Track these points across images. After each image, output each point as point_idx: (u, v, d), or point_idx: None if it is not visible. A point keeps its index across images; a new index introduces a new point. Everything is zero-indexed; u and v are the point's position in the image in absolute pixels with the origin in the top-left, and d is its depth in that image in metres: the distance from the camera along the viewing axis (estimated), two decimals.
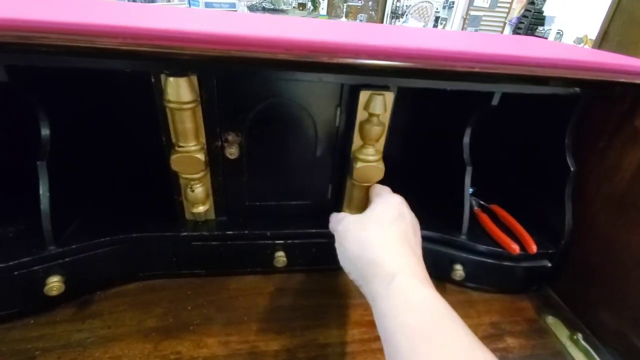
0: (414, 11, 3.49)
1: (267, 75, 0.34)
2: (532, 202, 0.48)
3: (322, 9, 4.00)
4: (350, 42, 0.29)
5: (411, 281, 0.26)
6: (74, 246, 0.37)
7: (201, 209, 0.40)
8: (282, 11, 2.95)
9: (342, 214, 0.35)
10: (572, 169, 0.43)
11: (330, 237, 0.45)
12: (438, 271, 0.46)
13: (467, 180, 0.43)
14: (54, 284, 0.35)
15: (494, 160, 0.52)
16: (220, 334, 0.37)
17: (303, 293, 0.43)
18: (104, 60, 0.29)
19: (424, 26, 3.16)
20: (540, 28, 3.78)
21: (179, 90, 0.32)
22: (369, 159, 0.38)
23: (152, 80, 0.33)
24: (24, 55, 0.28)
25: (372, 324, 0.40)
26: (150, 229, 0.40)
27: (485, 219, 0.46)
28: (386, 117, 0.37)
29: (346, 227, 0.32)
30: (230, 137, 0.38)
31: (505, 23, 3.92)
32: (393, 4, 4.10)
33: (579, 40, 3.62)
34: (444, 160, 0.47)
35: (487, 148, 0.47)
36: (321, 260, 0.46)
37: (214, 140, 0.37)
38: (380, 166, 0.39)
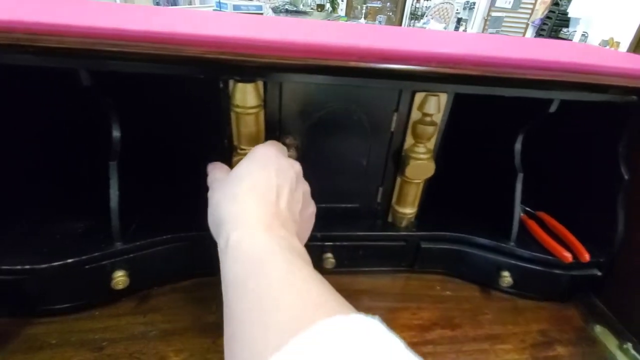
0: (434, 12, 3.46)
1: (332, 80, 0.34)
2: (580, 210, 0.48)
3: (341, 10, 4.01)
4: (421, 50, 0.30)
5: (245, 233, 0.23)
6: (138, 243, 0.38)
7: None
8: (304, 13, 2.97)
9: (217, 175, 0.32)
10: (625, 177, 0.42)
11: (377, 240, 0.46)
12: (484, 277, 0.46)
13: (519, 186, 0.43)
14: (120, 279, 0.37)
15: (540, 166, 0.51)
16: None
17: (350, 295, 0.43)
18: (182, 67, 0.30)
19: (445, 28, 3.12)
20: (564, 30, 3.69)
21: (246, 96, 0.33)
22: (421, 156, 0.39)
23: (221, 85, 0.34)
24: (111, 61, 0.29)
25: (421, 328, 0.41)
26: (207, 227, 0.41)
27: (533, 225, 0.46)
28: (439, 117, 0.38)
29: (212, 191, 0.30)
30: (288, 141, 0.39)
31: (527, 24, 3.85)
32: (412, 5, 4.08)
33: (605, 43, 3.52)
34: (491, 165, 0.47)
35: (532, 153, 0.47)
36: (367, 262, 0.46)
37: None
38: (431, 164, 0.40)
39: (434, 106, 0.37)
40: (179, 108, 0.44)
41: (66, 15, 0.31)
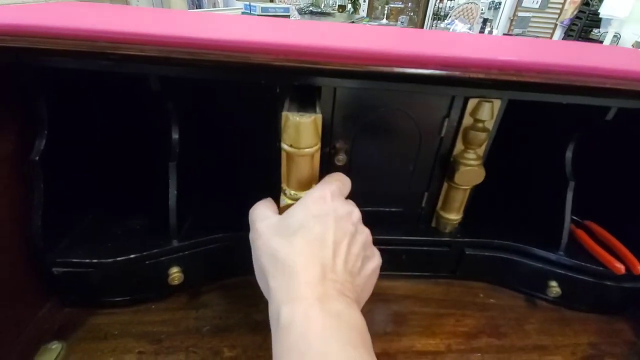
0: (458, 12, 3.40)
1: (389, 86, 0.35)
2: (632, 220, 0.46)
3: (363, 10, 4.00)
4: (482, 58, 0.30)
5: (298, 310, 0.21)
6: (192, 241, 0.40)
7: None
8: (327, 14, 2.98)
9: (265, 212, 0.29)
10: None
11: (420, 245, 0.46)
12: (529, 286, 0.45)
13: (569, 195, 0.42)
14: (176, 274, 0.39)
15: (587, 174, 0.50)
16: None
17: (393, 299, 0.44)
18: (246, 74, 0.32)
19: (469, 28, 3.06)
20: (595, 31, 3.55)
21: (300, 135, 0.31)
22: (471, 162, 0.39)
23: (278, 90, 0.35)
24: (183, 68, 0.31)
25: (467, 335, 0.41)
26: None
27: (582, 235, 0.45)
28: (491, 124, 0.38)
29: (260, 232, 0.27)
30: (338, 145, 0.39)
31: (556, 25, 3.72)
32: (435, 5, 4.02)
33: (639, 45, 3.36)
34: (540, 172, 0.46)
35: (579, 161, 0.46)
36: (409, 267, 0.46)
37: (323, 147, 0.39)
38: (481, 170, 0.40)
39: (487, 112, 0.37)
40: (233, 115, 0.46)
41: (142, 25, 0.32)
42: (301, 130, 0.27)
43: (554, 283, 0.43)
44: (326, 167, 0.40)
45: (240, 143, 0.46)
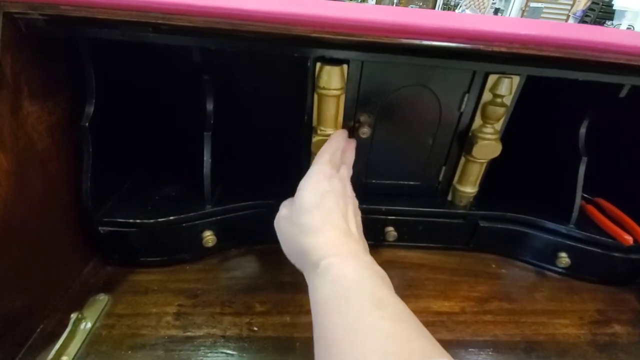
0: (469, 2, 3.36)
1: (412, 61, 0.37)
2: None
3: (372, 1, 3.96)
4: (505, 32, 0.32)
5: (334, 259, 0.26)
6: (223, 207, 0.43)
7: None
8: None
9: (283, 205, 0.35)
10: None
11: (436, 217, 0.48)
12: (540, 258, 0.48)
13: (582, 169, 0.44)
14: (209, 237, 0.42)
15: (598, 152, 0.52)
16: None
17: (410, 266, 0.47)
18: (277, 46, 0.34)
19: None
20: (608, 22, 3.50)
21: (331, 78, 0.36)
22: (489, 137, 0.41)
23: (309, 64, 0.37)
24: (221, 39, 0.33)
25: (480, 300, 0.43)
26: (283, 196, 0.45)
27: (592, 210, 0.47)
28: (509, 99, 0.40)
29: (279, 219, 0.34)
30: (362, 118, 0.41)
31: (568, 16, 3.67)
32: None
33: None
34: (554, 148, 0.48)
35: (591, 139, 0.47)
36: (426, 238, 0.49)
37: (348, 121, 0.41)
38: (498, 144, 0.42)
39: (507, 88, 0.38)
40: (265, 89, 0.48)
41: None
42: (332, 75, 0.35)
43: (563, 254, 0.45)
44: None
45: (270, 116, 0.48)
